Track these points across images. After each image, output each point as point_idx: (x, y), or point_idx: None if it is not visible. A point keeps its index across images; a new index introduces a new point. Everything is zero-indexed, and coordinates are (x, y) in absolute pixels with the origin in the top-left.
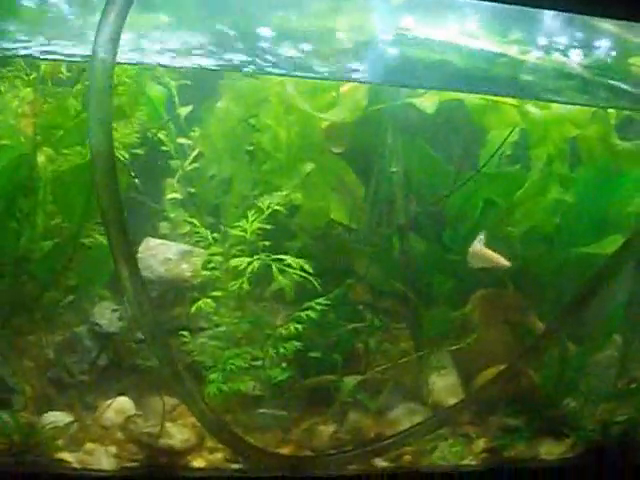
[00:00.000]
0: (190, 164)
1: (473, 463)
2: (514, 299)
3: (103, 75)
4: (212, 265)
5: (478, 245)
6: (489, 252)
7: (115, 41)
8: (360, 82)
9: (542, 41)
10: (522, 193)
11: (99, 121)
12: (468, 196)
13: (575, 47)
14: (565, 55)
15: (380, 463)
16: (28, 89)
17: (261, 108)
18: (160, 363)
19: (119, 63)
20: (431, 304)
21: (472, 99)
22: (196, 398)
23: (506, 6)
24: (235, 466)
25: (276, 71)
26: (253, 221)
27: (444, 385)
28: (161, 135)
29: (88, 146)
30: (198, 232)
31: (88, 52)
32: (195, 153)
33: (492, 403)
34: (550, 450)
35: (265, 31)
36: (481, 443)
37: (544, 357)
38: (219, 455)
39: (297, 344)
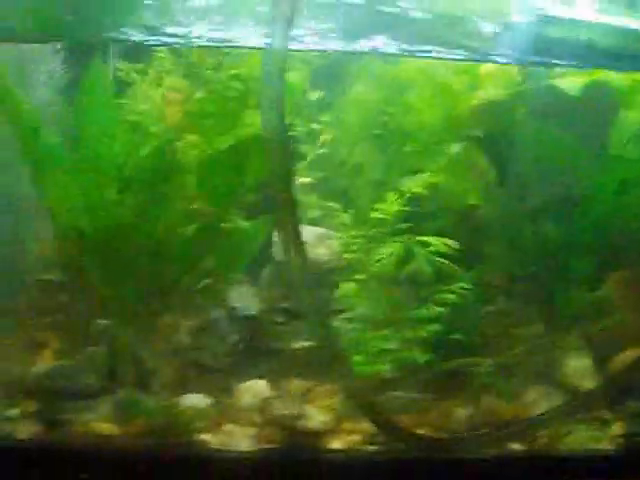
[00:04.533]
0: (322, 148)
1: (609, 447)
2: None
3: (277, 60)
4: (353, 248)
5: None
6: None
7: (289, 25)
8: (502, 64)
9: None
10: None
11: (272, 106)
12: (603, 177)
13: None
14: None
15: (515, 446)
16: (173, 77)
17: (403, 91)
18: (321, 343)
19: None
20: (566, 286)
21: (617, 79)
22: (351, 378)
23: None
24: (373, 447)
25: (418, 54)
26: (394, 203)
27: (579, 368)
28: (297, 120)
29: (262, 131)
30: (338, 216)
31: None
32: (328, 137)
33: (629, 386)
34: None
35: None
36: (617, 427)
37: None
38: (357, 436)
39: (437, 327)
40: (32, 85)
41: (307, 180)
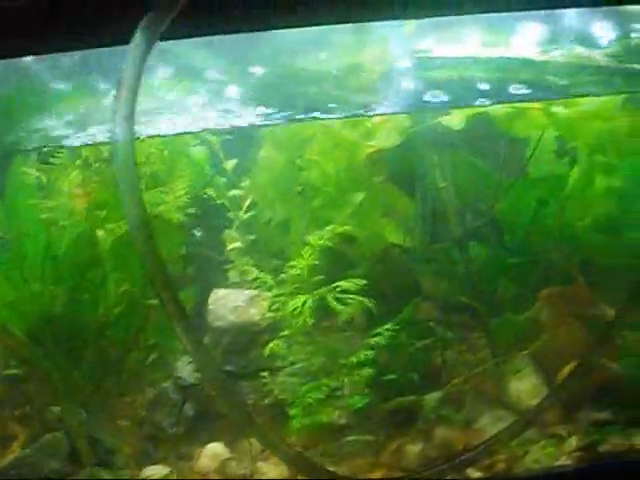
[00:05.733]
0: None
1: (568, 462)
2: (580, 292)
3: (124, 153)
4: (276, 307)
5: None
6: None
7: (130, 119)
8: (389, 114)
9: (565, 37)
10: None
11: (130, 196)
12: (519, 199)
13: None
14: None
15: (474, 474)
16: (75, 172)
17: (305, 148)
18: (229, 409)
19: (150, 136)
20: (499, 310)
21: (496, 109)
22: (270, 437)
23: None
24: None
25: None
26: (307, 258)
27: (526, 388)
28: (210, 191)
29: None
30: (258, 277)
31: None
32: (248, 202)
33: (576, 399)
34: None
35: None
36: (573, 441)
37: (619, 345)
38: None
39: (370, 370)
40: None
41: (238, 244)
